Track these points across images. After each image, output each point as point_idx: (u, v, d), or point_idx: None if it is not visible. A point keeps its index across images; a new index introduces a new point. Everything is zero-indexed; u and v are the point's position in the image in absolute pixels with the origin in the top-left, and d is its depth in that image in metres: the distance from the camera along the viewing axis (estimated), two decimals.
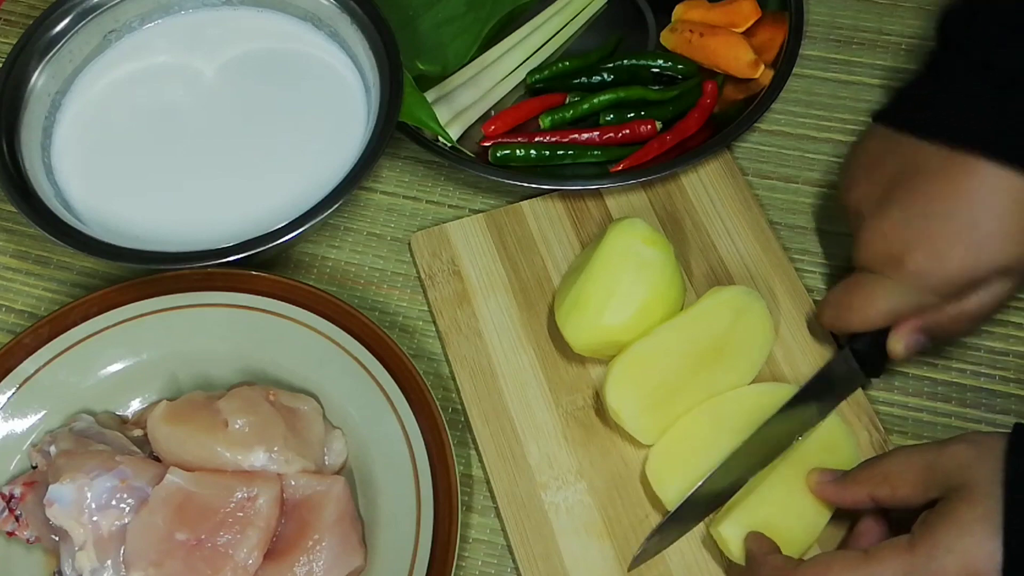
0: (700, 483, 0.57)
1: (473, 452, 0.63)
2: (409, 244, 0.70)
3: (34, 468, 0.58)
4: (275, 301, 0.62)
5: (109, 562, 0.54)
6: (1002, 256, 0.55)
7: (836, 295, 0.61)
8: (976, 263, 0.55)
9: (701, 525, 0.58)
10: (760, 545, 0.54)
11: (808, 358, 0.64)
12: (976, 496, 0.47)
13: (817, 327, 0.65)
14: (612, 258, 0.61)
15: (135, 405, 0.63)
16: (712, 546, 0.58)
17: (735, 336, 0.61)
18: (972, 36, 0.57)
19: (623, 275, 0.60)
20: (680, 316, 0.61)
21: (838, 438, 0.59)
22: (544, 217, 0.70)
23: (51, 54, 0.69)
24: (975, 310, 0.58)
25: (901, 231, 0.57)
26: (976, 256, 0.55)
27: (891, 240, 0.57)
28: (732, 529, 0.56)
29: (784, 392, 0.60)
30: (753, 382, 0.62)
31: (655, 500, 0.59)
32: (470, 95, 0.74)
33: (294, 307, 0.62)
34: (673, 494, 0.58)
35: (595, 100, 0.73)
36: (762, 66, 0.74)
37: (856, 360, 0.61)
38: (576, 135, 0.72)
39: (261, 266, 0.63)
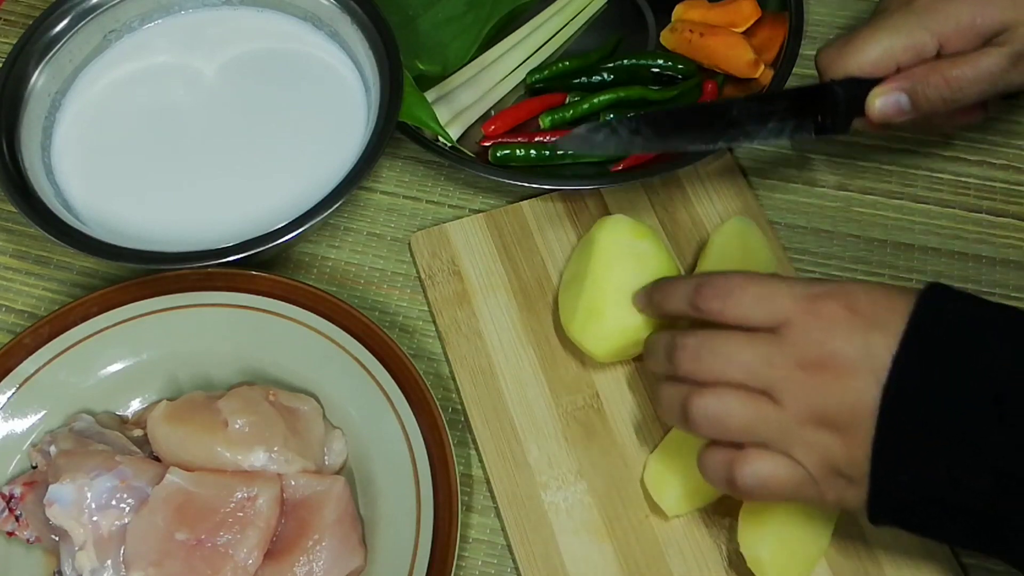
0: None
1: (473, 452, 0.63)
2: (409, 244, 0.70)
3: (34, 468, 0.58)
4: (275, 301, 0.62)
5: (109, 562, 0.54)
6: (1009, 14, 0.57)
7: (838, 38, 0.61)
8: (982, 14, 0.57)
9: (716, 540, 0.58)
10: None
11: None
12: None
13: None
14: (610, 261, 0.61)
15: (135, 405, 0.63)
16: (711, 550, 0.58)
17: None
18: None
19: (627, 275, 0.60)
20: None
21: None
22: (544, 217, 0.70)
23: (51, 54, 0.69)
24: (964, 78, 0.57)
25: None
26: (982, 7, 0.57)
27: None
28: (753, 543, 0.55)
29: None
30: None
31: (655, 501, 0.60)
32: (470, 95, 0.74)
33: (294, 307, 0.62)
34: (672, 500, 0.57)
35: (595, 100, 0.73)
36: (762, 66, 0.74)
37: (823, 105, 0.60)
38: None
39: (261, 266, 0.64)
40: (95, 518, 0.54)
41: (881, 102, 0.59)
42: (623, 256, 0.61)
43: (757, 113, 0.60)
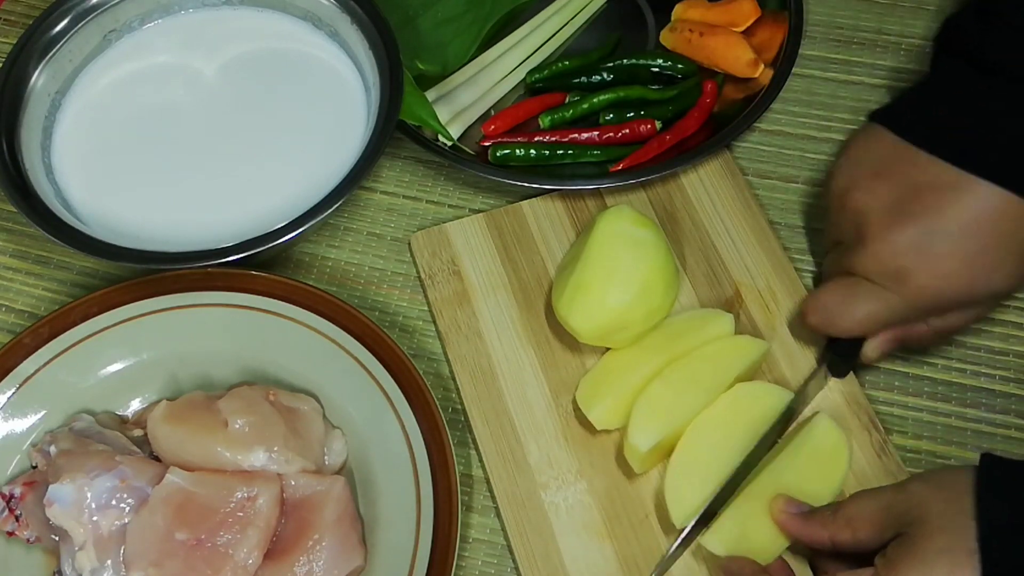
0: (704, 506, 0.57)
1: (473, 452, 0.63)
2: (409, 244, 0.70)
3: (34, 468, 0.58)
4: (275, 301, 0.62)
5: (109, 562, 0.54)
6: (1003, 283, 0.57)
7: (828, 298, 0.60)
8: (977, 287, 0.57)
9: (699, 554, 0.58)
10: (740, 564, 0.54)
11: (808, 358, 0.64)
12: (933, 529, 0.47)
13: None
14: (606, 243, 0.61)
15: (135, 405, 0.63)
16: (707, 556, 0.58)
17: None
18: (982, 41, 0.58)
19: (620, 256, 0.60)
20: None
21: (834, 445, 0.59)
22: (544, 217, 0.70)
23: (51, 54, 0.69)
24: (954, 327, 0.60)
25: (913, 250, 0.56)
26: (980, 281, 0.56)
27: (902, 256, 0.56)
28: (716, 537, 0.56)
29: (778, 394, 0.61)
30: (752, 379, 0.62)
31: (655, 500, 0.60)
32: (470, 94, 0.74)
33: (294, 307, 0.62)
34: (688, 508, 0.57)
35: (595, 100, 0.73)
36: (762, 65, 0.74)
37: (829, 363, 0.62)
38: (576, 135, 0.72)
39: (261, 266, 0.63)
40: (95, 518, 0.54)
41: (877, 353, 0.61)
42: (619, 240, 0.61)
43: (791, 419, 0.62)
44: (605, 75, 0.75)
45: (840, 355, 0.61)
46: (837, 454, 0.58)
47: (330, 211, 0.62)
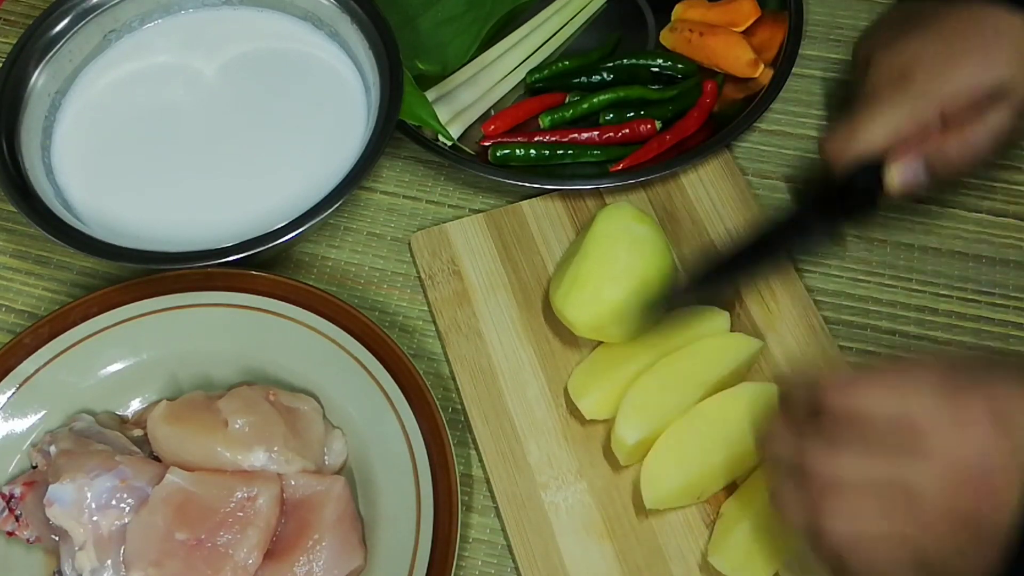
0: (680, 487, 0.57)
1: (473, 452, 0.63)
2: (409, 244, 0.70)
3: (34, 468, 0.58)
4: (275, 301, 0.62)
5: (109, 562, 0.54)
6: (1006, 72, 0.58)
7: (840, 125, 0.61)
8: (981, 76, 0.58)
9: (699, 554, 0.58)
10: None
11: (808, 358, 0.64)
12: None
13: (818, 327, 0.65)
14: (605, 237, 0.61)
15: (135, 405, 0.63)
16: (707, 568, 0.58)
17: None
18: None
19: (618, 250, 0.61)
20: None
21: None
22: (544, 217, 0.70)
23: (51, 54, 0.69)
24: (975, 139, 0.59)
25: (913, 50, 0.60)
26: (982, 69, 0.58)
27: (903, 56, 0.60)
28: (722, 556, 0.56)
29: (771, 393, 0.60)
30: (750, 380, 0.62)
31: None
32: (470, 94, 0.74)
33: (294, 307, 0.62)
34: (663, 496, 0.58)
35: (595, 100, 0.73)
36: (762, 65, 0.74)
37: (847, 203, 0.61)
38: (576, 135, 0.72)
39: (261, 266, 0.63)
40: (95, 518, 0.54)
41: (900, 176, 0.59)
42: (618, 235, 0.61)
43: (798, 230, 0.62)
44: (605, 75, 0.75)
45: (860, 194, 0.60)
46: None
47: (330, 211, 0.62)
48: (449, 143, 0.71)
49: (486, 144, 0.72)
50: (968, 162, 0.60)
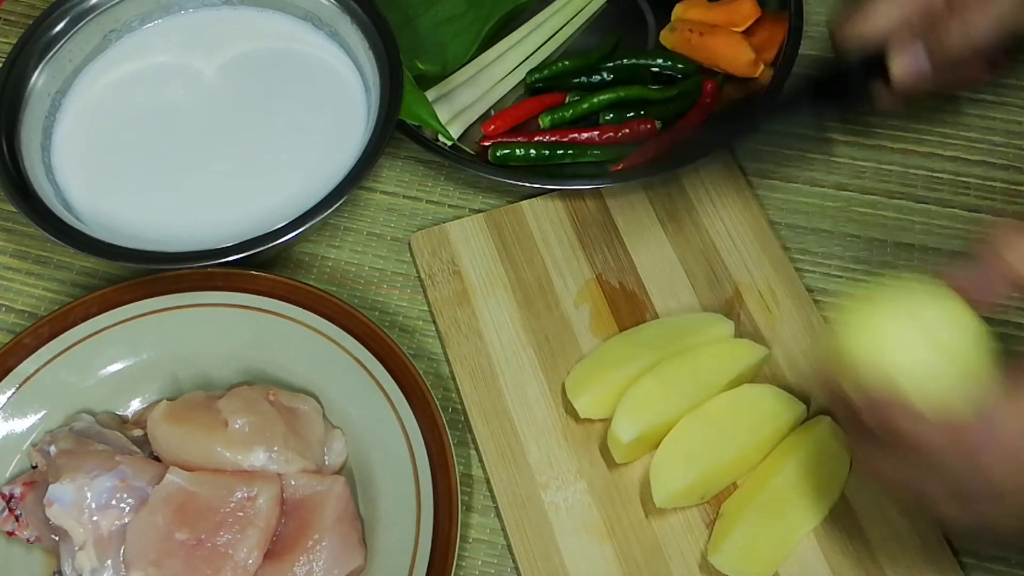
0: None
1: (473, 452, 0.63)
2: (409, 244, 0.70)
3: (34, 468, 0.58)
4: (275, 301, 0.62)
5: (109, 562, 0.54)
6: None
7: (851, 7, 0.61)
8: None
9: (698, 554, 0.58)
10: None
11: (808, 358, 0.64)
12: None
13: (818, 327, 0.65)
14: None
15: (135, 405, 0.63)
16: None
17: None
18: None
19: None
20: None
21: (836, 448, 0.59)
22: (544, 217, 0.70)
23: (51, 54, 0.69)
24: (979, 25, 0.58)
25: None
26: None
27: None
28: (723, 557, 0.56)
29: (776, 396, 0.61)
30: (753, 382, 0.62)
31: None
32: (470, 94, 0.74)
33: (294, 307, 0.62)
34: (668, 496, 0.58)
35: (595, 99, 0.73)
36: (762, 65, 0.74)
37: (844, 91, 0.62)
38: (576, 135, 0.72)
39: (261, 266, 0.63)
40: (95, 518, 0.54)
41: (902, 64, 0.59)
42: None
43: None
44: (605, 75, 0.75)
45: (863, 77, 0.60)
46: (839, 457, 0.58)
47: (330, 211, 0.62)
48: (449, 143, 0.71)
49: (486, 144, 0.72)
50: (970, 51, 0.59)
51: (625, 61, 0.76)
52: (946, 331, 0.47)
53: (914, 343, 0.47)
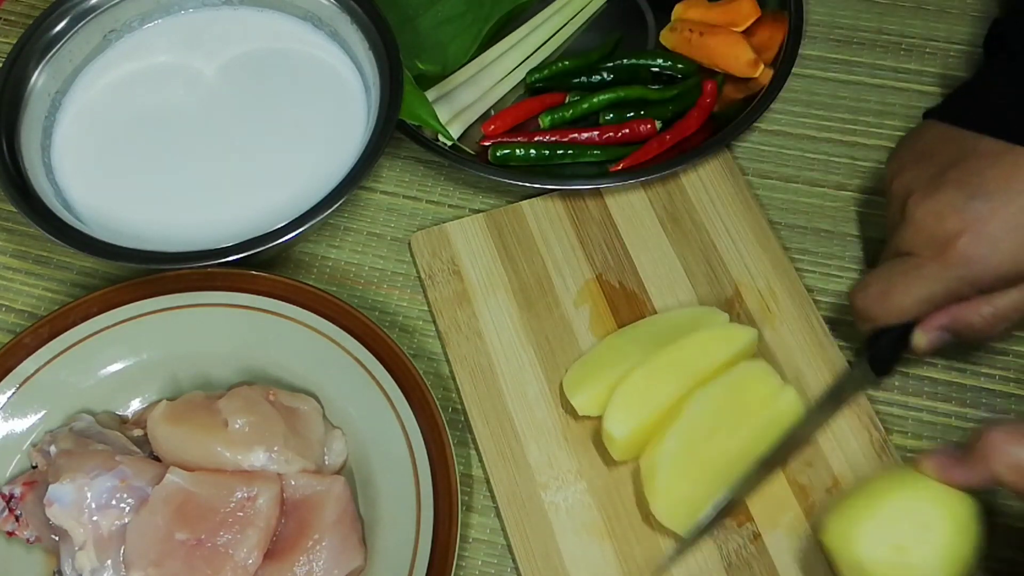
0: (710, 511, 0.57)
1: (473, 452, 0.63)
2: (409, 244, 0.70)
3: (34, 468, 0.58)
4: (275, 301, 0.62)
5: (109, 562, 0.54)
6: None
7: (873, 281, 0.59)
8: (1022, 253, 0.55)
9: (716, 540, 0.58)
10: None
11: (808, 358, 0.64)
12: None
13: (818, 326, 0.65)
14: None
15: (135, 405, 0.63)
16: (711, 550, 0.58)
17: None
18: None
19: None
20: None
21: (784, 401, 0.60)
22: (544, 217, 0.70)
23: (51, 54, 0.69)
24: (1007, 311, 0.57)
25: (955, 212, 0.56)
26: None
27: (944, 220, 0.56)
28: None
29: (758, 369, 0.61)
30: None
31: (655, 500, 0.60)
32: (470, 94, 0.74)
33: (294, 307, 0.62)
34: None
35: (595, 99, 0.73)
36: (762, 65, 0.74)
37: (870, 359, 0.60)
38: (576, 134, 0.72)
39: (261, 266, 0.64)
40: (95, 518, 0.54)
41: (927, 342, 0.59)
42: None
43: (824, 420, 0.61)
44: (605, 75, 0.75)
45: (885, 350, 0.60)
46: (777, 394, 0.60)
47: (330, 211, 0.62)
48: (449, 143, 0.71)
49: (486, 144, 0.72)
50: (995, 331, 0.58)
51: (625, 61, 0.76)
52: (919, 531, 0.50)
53: (884, 543, 0.50)
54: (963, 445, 0.50)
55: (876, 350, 0.60)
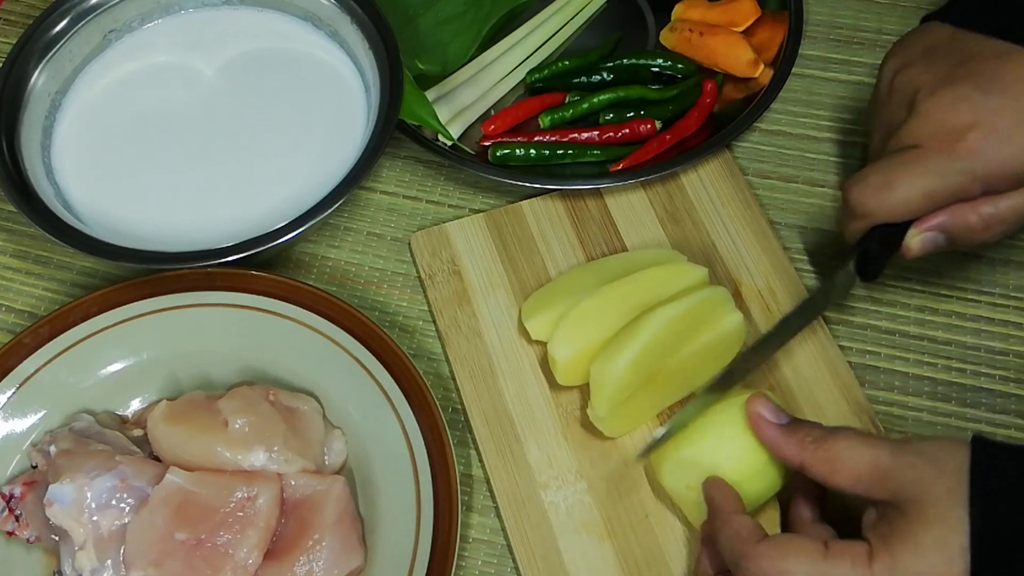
0: (668, 426, 0.57)
1: (473, 452, 0.63)
2: (409, 244, 0.70)
3: (34, 468, 0.58)
4: (275, 301, 0.62)
5: (109, 562, 0.54)
6: None
7: (873, 174, 0.57)
8: None
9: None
10: (724, 496, 0.53)
11: (808, 358, 0.64)
12: (932, 517, 0.46)
13: (817, 326, 0.65)
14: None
15: (135, 405, 0.63)
16: None
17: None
18: None
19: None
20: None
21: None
22: (544, 217, 0.70)
23: (51, 54, 0.69)
24: (1006, 214, 0.56)
25: (967, 105, 0.55)
26: None
27: (955, 111, 0.55)
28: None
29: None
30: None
31: (655, 500, 0.60)
32: (470, 94, 0.74)
33: (294, 307, 0.62)
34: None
35: (595, 99, 0.73)
36: (762, 65, 0.74)
37: (859, 259, 0.59)
38: (576, 134, 0.72)
39: (261, 266, 0.64)
40: (95, 518, 0.54)
41: (919, 243, 0.57)
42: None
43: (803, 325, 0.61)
44: (605, 75, 0.75)
45: (876, 251, 0.58)
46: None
47: (330, 211, 0.62)
48: (449, 143, 0.71)
49: (486, 144, 0.72)
50: (992, 234, 0.57)
51: (625, 61, 0.76)
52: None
53: (681, 480, 0.56)
54: (800, 422, 0.53)
55: (865, 249, 0.58)
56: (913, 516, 0.47)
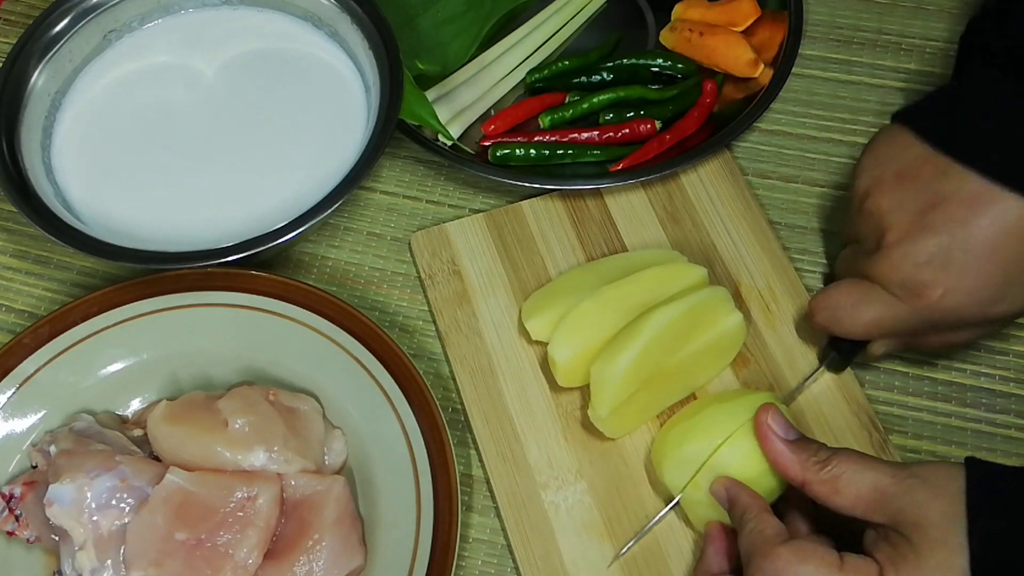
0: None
1: (473, 452, 0.63)
2: (409, 244, 0.70)
3: (34, 468, 0.58)
4: (275, 301, 0.62)
5: (109, 562, 0.54)
6: (1020, 304, 0.56)
7: (838, 298, 0.59)
8: (993, 307, 0.55)
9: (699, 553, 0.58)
10: (751, 495, 0.54)
11: (808, 358, 0.64)
12: (934, 540, 0.46)
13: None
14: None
15: (135, 405, 0.63)
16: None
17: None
18: (1007, 42, 0.57)
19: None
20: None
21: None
22: (544, 217, 0.70)
23: (51, 54, 0.69)
24: (962, 341, 0.60)
25: (932, 263, 0.54)
26: (997, 301, 0.55)
27: (922, 271, 0.54)
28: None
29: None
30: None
31: (655, 500, 0.60)
32: (470, 94, 0.74)
33: (294, 307, 0.62)
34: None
35: (595, 99, 0.73)
36: (761, 65, 0.74)
37: (828, 362, 0.63)
38: (576, 134, 0.72)
39: (261, 266, 0.64)
40: (95, 518, 0.54)
41: (881, 352, 0.61)
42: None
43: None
44: (605, 75, 0.75)
45: (842, 353, 0.61)
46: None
47: (330, 211, 0.62)
48: (449, 143, 0.71)
49: (486, 144, 0.72)
50: (950, 350, 0.63)
51: (625, 61, 0.76)
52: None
53: (684, 477, 0.57)
54: (807, 441, 0.53)
55: (835, 353, 0.62)
56: (916, 540, 0.47)
